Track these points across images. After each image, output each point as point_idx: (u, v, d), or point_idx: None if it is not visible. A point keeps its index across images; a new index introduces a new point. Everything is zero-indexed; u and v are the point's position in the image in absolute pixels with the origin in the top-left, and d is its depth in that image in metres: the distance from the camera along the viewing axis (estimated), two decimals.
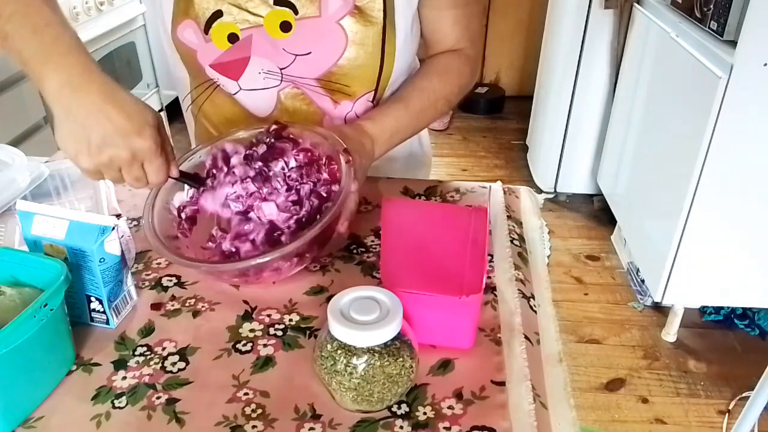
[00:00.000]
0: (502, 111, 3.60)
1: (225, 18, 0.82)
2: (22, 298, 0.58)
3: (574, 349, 1.92)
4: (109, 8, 2.38)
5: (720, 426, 1.68)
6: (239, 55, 0.84)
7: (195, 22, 0.83)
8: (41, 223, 0.63)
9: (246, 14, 0.82)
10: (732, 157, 1.64)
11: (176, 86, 0.97)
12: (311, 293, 0.71)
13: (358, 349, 0.53)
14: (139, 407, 0.57)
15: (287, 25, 0.82)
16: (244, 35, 0.83)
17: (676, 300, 1.91)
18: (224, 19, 0.82)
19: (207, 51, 0.84)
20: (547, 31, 2.72)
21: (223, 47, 0.84)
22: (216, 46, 0.84)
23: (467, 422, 0.55)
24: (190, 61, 0.87)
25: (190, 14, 0.83)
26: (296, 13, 0.82)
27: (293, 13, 0.81)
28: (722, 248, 1.78)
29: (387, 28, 0.83)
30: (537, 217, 0.89)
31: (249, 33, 0.83)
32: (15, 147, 0.90)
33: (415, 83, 0.89)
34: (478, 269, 0.63)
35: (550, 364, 0.64)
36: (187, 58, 0.87)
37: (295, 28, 0.82)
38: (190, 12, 0.82)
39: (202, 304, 0.70)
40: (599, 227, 2.53)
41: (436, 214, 0.74)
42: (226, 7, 0.81)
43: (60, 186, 0.87)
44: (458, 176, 2.92)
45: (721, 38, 1.59)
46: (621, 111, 2.31)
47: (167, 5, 0.84)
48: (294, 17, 0.82)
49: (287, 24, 0.82)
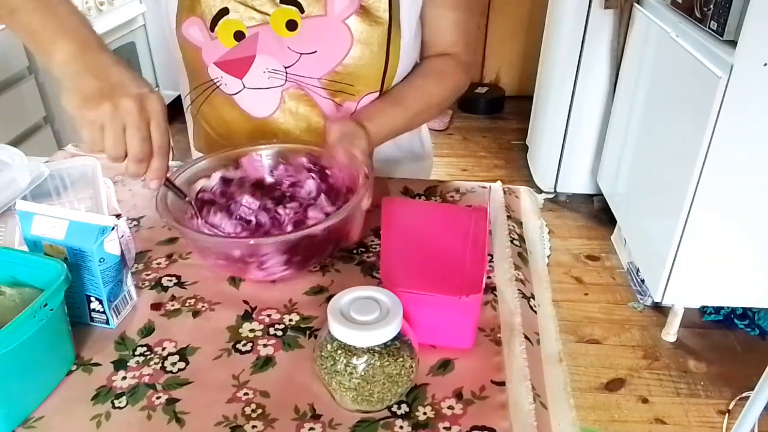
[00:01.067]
0: (502, 111, 3.60)
1: (231, 15, 0.82)
2: (22, 298, 0.58)
3: (574, 349, 1.92)
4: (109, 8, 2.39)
5: (720, 426, 1.68)
6: (245, 53, 0.84)
7: (201, 19, 0.83)
8: (41, 223, 0.63)
9: (252, 12, 0.82)
10: (732, 157, 1.64)
11: (179, 85, 0.98)
12: (311, 293, 0.71)
13: (358, 349, 0.53)
14: (139, 407, 0.57)
15: (293, 24, 0.82)
16: (251, 33, 0.83)
17: (676, 300, 1.91)
18: (230, 16, 0.82)
19: (212, 48, 0.84)
20: (547, 31, 2.72)
21: (228, 45, 0.84)
22: (222, 44, 0.84)
23: (467, 422, 0.55)
24: (192, 60, 0.87)
25: (196, 11, 0.83)
26: (302, 12, 0.82)
27: (299, 12, 0.82)
28: (722, 248, 1.78)
29: (392, 28, 0.84)
30: (537, 217, 0.89)
31: (255, 31, 0.83)
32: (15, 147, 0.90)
33: (414, 84, 0.90)
34: (478, 269, 0.63)
35: (550, 364, 0.64)
36: (189, 57, 0.87)
37: (301, 26, 0.82)
38: (196, 9, 0.83)
39: (202, 304, 0.70)
40: (599, 227, 2.53)
41: (436, 214, 0.74)
42: (232, 5, 0.82)
43: (60, 186, 0.87)
44: (458, 176, 2.92)
45: (721, 38, 1.59)
46: (621, 111, 2.31)
47: (172, 2, 0.84)
48: (300, 16, 0.82)
49: (293, 22, 0.82)
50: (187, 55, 0.87)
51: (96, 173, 0.85)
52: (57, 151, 1.05)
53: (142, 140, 0.62)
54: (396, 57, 0.86)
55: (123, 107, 0.61)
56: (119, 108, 0.61)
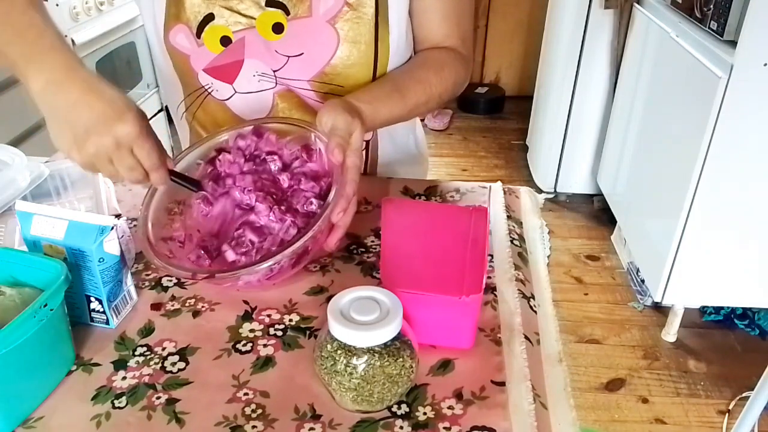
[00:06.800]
0: (502, 111, 3.60)
1: (217, 21, 0.82)
2: (22, 298, 0.58)
3: (574, 349, 1.92)
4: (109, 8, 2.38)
5: (720, 426, 1.68)
6: (233, 58, 0.84)
7: (187, 26, 0.82)
8: (40, 224, 0.63)
9: (238, 16, 0.81)
10: (732, 157, 1.64)
11: (168, 94, 0.97)
12: (311, 293, 0.71)
13: (358, 349, 0.53)
14: (139, 407, 0.57)
15: (279, 27, 0.82)
16: (237, 38, 0.82)
17: (676, 300, 1.91)
18: (216, 22, 0.82)
19: (200, 55, 0.84)
20: (547, 31, 2.72)
21: (215, 51, 0.83)
22: (209, 50, 0.83)
23: (467, 422, 0.55)
24: (183, 68, 0.86)
25: (182, 18, 0.82)
26: (288, 14, 0.81)
27: (285, 14, 0.81)
28: (722, 248, 1.78)
29: (380, 25, 0.83)
30: (537, 217, 0.89)
31: (242, 35, 0.82)
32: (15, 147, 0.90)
33: (414, 74, 0.87)
34: (478, 269, 0.62)
35: (550, 364, 0.64)
36: (179, 64, 0.87)
37: (287, 29, 0.82)
38: (181, 16, 0.82)
39: (202, 304, 0.70)
40: (599, 227, 2.53)
41: (436, 214, 0.74)
42: (217, 10, 0.81)
43: (60, 186, 0.87)
44: (458, 176, 2.92)
45: (721, 38, 1.59)
46: (621, 111, 2.31)
47: (159, 11, 0.83)
48: (286, 18, 0.81)
49: (279, 25, 0.81)
50: (177, 63, 0.87)
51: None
52: (57, 151, 1.05)
53: (130, 169, 0.66)
54: (385, 55, 0.85)
55: (100, 148, 0.63)
56: (98, 148, 0.63)
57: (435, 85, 0.87)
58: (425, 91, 0.86)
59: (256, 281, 0.68)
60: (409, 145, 1.03)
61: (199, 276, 0.66)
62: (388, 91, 0.83)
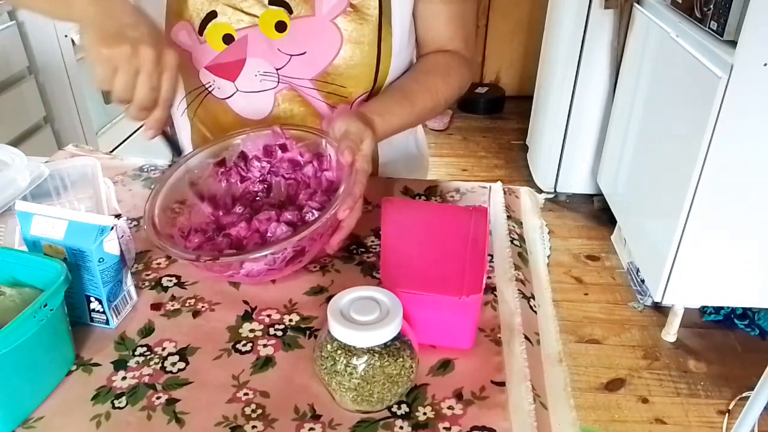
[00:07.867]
0: (502, 111, 3.60)
1: (219, 18, 0.82)
2: (22, 298, 0.58)
3: (574, 349, 1.92)
4: None
5: (720, 426, 1.68)
6: (235, 57, 0.84)
7: (189, 23, 0.82)
8: (40, 224, 0.63)
9: (241, 14, 0.81)
10: (732, 157, 1.64)
11: None
12: (311, 293, 0.71)
13: (358, 350, 0.53)
14: (139, 407, 0.57)
15: (282, 25, 0.82)
16: (240, 36, 0.82)
17: (676, 300, 1.91)
18: (219, 19, 0.82)
19: (202, 52, 0.84)
20: (547, 31, 2.72)
21: (218, 48, 0.83)
22: (211, 48, 0.83)
23: (467, 422, 0.55)
24: (184, 65, 0.87)
25: (185, 16, 0.82)
26: (291, 13, 0.81)
27: (288, 13, 0.81)
28: (722, 248, 1.78)
29: (383, 26, 0.83)
30: (537, 217, 0.89)
31: (244, 33, 0.82)
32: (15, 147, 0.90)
33: (422, 82, 0.88)
34: (478, 269, 0.62)
35: (550, 364, 0.64)
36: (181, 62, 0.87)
37: (290, 27, 0.82)
38: (184, 13, 0.82)
39: (202, 304, 0.70)
40: (599, 227, 2.53)
41: (436, 214, 0.74)
42: (220, 8, 0.81)
43: (60, 186, 0.87)
44: (458, 176, 2.92)
45: (721, 38, 1.59)
46: (621, 111, 2.31)
47: (161, 8, 0.83)
48: (289, 17, 0.81)
49: (282, 24, 0.81)
50: None
51: (96, 173, 0.85)
52: (57, 151, 1.05)
53: (151, 89, 0.65)
54: (388, 56, 0.85)
55: (141, 53, 0.63)
56: (138, 53, 0.63)
57: (442, 92, 0.88)
58: (432, 98, 0.87)
59: (256, 272, 0.68)
60: (409, 145, 1.03)
61: (202, 259, 0.65)
62: (398, 100, 0.85)
